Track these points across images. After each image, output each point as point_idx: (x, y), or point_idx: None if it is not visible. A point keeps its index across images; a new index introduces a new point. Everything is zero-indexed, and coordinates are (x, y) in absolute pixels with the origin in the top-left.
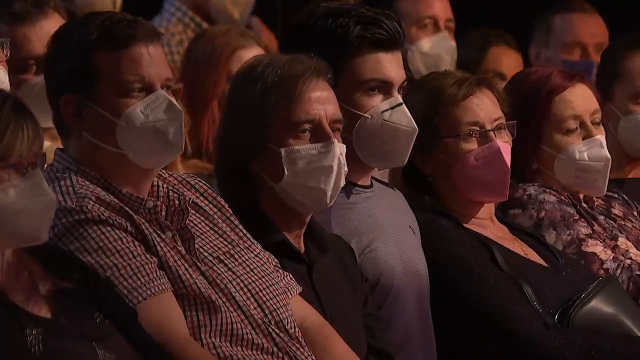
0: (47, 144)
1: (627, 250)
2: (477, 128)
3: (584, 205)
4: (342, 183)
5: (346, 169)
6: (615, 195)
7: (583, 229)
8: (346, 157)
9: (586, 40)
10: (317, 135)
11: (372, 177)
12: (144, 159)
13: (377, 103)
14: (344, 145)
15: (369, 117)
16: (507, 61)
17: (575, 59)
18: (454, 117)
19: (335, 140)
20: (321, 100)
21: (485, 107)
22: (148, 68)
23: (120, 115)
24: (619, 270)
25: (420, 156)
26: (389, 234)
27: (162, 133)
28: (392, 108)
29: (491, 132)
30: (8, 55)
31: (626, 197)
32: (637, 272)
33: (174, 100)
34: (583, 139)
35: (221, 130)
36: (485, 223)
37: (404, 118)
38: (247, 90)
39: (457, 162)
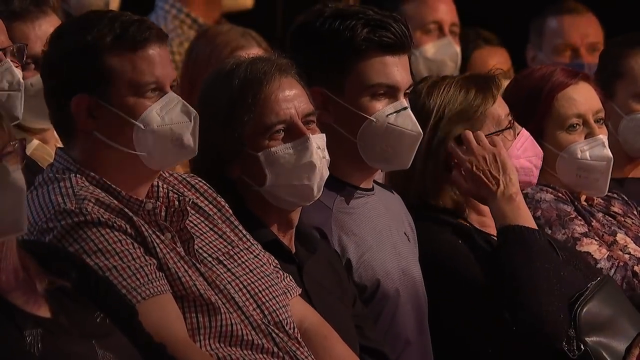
0: (36, 142)
1: (625, 246)
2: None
3: (583, 202)
4: (327, 173)
5: (328, 157)
6: (615, 195)
7: (579, 228)
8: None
9: (577, 41)
10: (292, 134)
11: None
12: (156, 160)
13: (383, 106)
14: (323, 135)
15: (374, 120)
16: (493, 61)
17: (566, 61)
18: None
19: (311, 135)
20: (289, 99)
21: (504, 106)
22: (161, 69)
23: (137, 116)
24: (612, 270)
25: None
26: (387, 240)
27: (178, 136)
28: (397, 112)
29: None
30: (24, 59)
31: (626, 198)
32: (632, 270)
33: (186, 103)
34: (585, 138)
35: None
36: (487, 222)
37: (409, 122)
38: (215, 100)
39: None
